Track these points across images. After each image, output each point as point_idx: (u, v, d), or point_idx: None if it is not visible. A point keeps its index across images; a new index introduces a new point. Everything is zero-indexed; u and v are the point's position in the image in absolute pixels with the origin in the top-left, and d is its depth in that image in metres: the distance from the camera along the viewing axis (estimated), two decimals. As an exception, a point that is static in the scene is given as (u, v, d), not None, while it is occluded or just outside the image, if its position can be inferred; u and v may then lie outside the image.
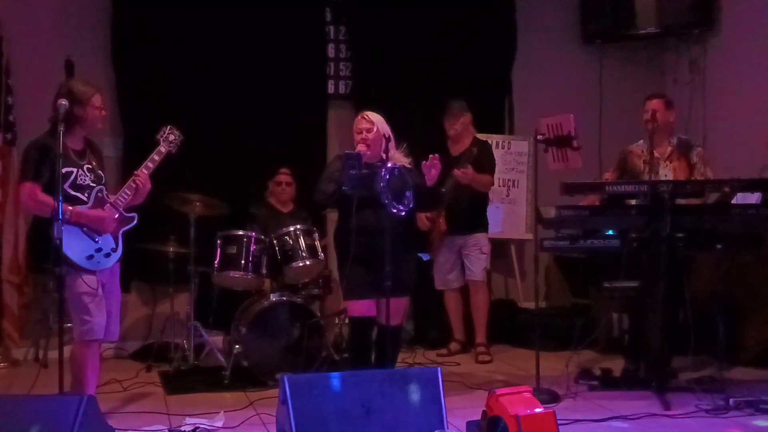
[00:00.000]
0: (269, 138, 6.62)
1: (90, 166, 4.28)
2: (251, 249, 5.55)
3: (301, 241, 5.56)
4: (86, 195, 4.23)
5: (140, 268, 6.33)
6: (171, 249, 5.84)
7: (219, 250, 5.56)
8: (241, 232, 5.61)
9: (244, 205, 6.19)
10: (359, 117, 4.74)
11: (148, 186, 4.40)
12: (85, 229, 4.18)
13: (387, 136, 4.60)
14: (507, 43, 7.18)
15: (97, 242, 4.21)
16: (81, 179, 4.23)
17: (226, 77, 6.55)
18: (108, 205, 4.27)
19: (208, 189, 5.96)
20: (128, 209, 4.37)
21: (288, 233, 5.59)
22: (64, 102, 4.06)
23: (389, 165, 4.37)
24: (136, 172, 4.37)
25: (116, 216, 4.26)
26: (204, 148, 6.49)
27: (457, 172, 5.80)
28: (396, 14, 6.86)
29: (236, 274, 5.54)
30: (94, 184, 4.27)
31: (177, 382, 5.45)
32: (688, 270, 5.23)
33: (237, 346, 5.37)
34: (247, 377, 5.32)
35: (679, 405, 4.60)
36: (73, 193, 4.17)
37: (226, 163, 6.57)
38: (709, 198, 5.36)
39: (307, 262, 5.54)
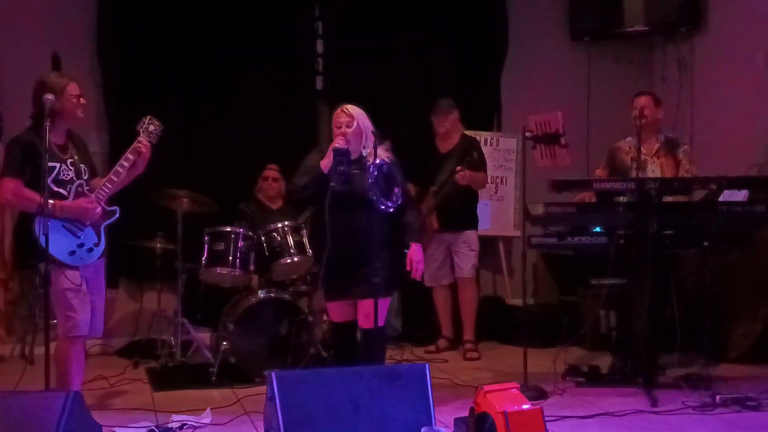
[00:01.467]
0: (258, 134, 6.61)
1: (72, 160, 4.25)
2: (239, 245, 5.53)
3: (289, 238, 5.55)
4: (68, 189, 4.20)
5: (127, 264, 6.31)
6: (158, 245, 5.82)
7: (206, 246, 5.54)
8: (228, 229, 5.59)
9: (232, 201, 6.17)
10: (338, 110, 4.60)
11: (130, 178, 4.39)
12: (66, 224, 4.15)
13: (369, 129, 4.51)
14: (497, 40, 7.18)
15: (79, 237, 4.19)
16: (63, 174, 4.19)
17: (213, 72, 6.52)
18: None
19: (195, 185, 5.92)
20: (111, 201, 4.33)
21: (276, 230, 5.57)
22: (50, 97, 4.04)
23: (378, 161, 4.34)
24: (116, 165, 4.30)
25: (97, 208, 4.22)
26: (192, 144, 6.49)
27: (459, 176, 5.81)
28: (384, 10, 6.84)
29: (224, 270, 5.52)
30: (76, 178, 4.24)
31: (164, 378, 5.44)
32: (675, 267, 5.25)
33: (224, 343, 5.35)
34: (234, 374, 5.31)
35: (666, 402, 4.62)
36: (55, 188, 4.14)
37: (214, 158, 6.54)
38: (696, 196, 5.38)
39: (295, 259, 5.53)
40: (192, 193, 5.73)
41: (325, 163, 4.48)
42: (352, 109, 4.57)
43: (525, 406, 3.70)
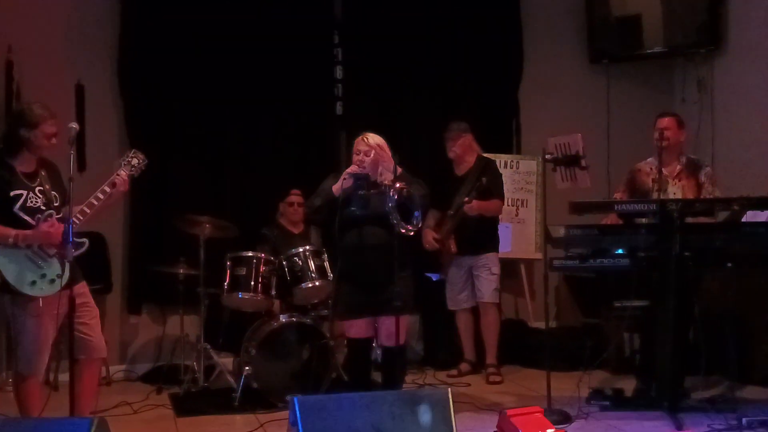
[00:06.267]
0: (279, 159, 6.64)
1: (42, 189, 4.20)
2: (260, 270, 5.56)
3: (311, 262, 5.57)
4: (36, 219, 4.14)
5: (150, 290, 6.36)
6: (181, 271, 5.85)
7: (228, 271, 5.57)
8: (250, 254, 5.62)
9: (254, 226, 6.20)
10: (359, 138, 4.82)
11: (104, 209, 4.32)
12: (30, 254, 4.09)
13: (386, 157, 4.67)
14: (514, 63, 7.21)
15: (41, 267, 4.11)
16: (31, 202, 4.14)
17: (235, 99, 6.58)
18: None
19: (218, 211, 5.98)
20: (80, 234, 4.23)
21: (297, 254, 5.60)
22: (74, 125, 4.08)
23: (397, 185, 4.40)
24: (91, 197, 4.24)
25: (60, 229, 4.08)
26: (214, 170, 6.53)
27: (465, 208, 5.81)
28: (402, 36, 6.89)
29: (246, 295, 5.55)
30: (45, 208, 4.18)
31: (187, 404, 5.45)
32: (698, 289, 5.21)
33: (247, 368, 5.36)
34: (257, 399, 5.31)
35: (692, 425, 4.57)
36: (23, 216, 4.11)
37: (236, 184, 6.59)
38: (719, 217, 5.34)
39: (316, 283, 5.54)
40: (214, 218, 5.78)
41: (337, 187, 4.67)
42: (371, 138, 4.76)
43: (549, 431, 3.68)
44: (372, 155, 4.69)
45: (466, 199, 5.85)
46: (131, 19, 6.37)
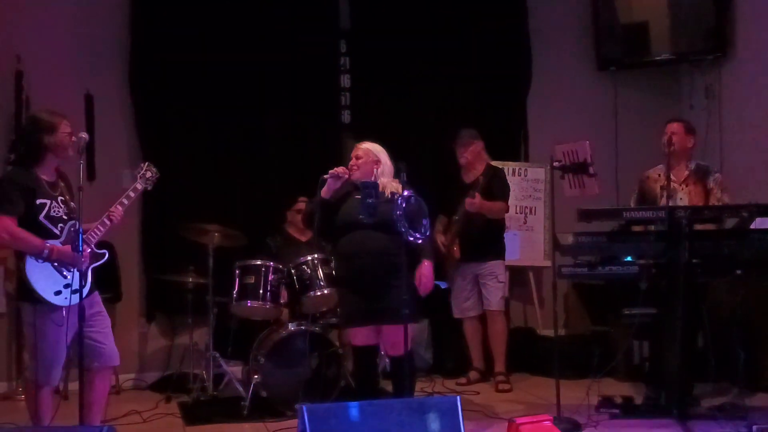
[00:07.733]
0: (286, 168, 6.66)
1: (63, 198, 4.22)
2: (269, 278, 5.57)
3: (319, 271, 5.57)
4: (59, 228, 4.15)
5: (160, 298, 6.38)
6: (190, 280, 5.87)
7: (237, 279, 5.59)
8: (259, 262, 5.63)
9: (263, 234, 6.21)
10: (357, 145, 4.91)
11: (121, 221, 4.35)
12: (55, 264, 4.10)
13: (381, 165, 4.74)
14: (522, 71, 7.21)
15: (66, 278, 4.12)
16: (54, 211, 4.15)
17: (243, 109, 6.60)
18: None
19: (226, 219, 6.00)
20: (100, 245, 4.31)
21: (306, 262, 5.60)
22: (84, 135, 4.09)
23: (405, 193, 4.40)
24: (111, 208, 4.28)
25: (88, 251, 4.12)
26: (222, 179, 6.55)
27: (467, 200, 5.81)
28: (409, 44, 6.91)
29: (254, 303, 5.56)
30: (66, 217, 4.19)
31: (196, 412, 5.46)
32: (707, 296, 5.20)
33: (256, 376, 5.37)
34: (266, 407, 5.32)
35: (701, 433, 4.57)
36: (48, 225, 4.12)
37: (245, 193, 6.61)
38: (727, 223, 5.33)
39: (325, 291, 5.54)
40: (223, 227, 5.80)
41: (324, 190, 4.70)
42: (366, 147, 4.83)
43: (558, 438, 3.68)
44: (362, 161, 4.75)
45: (470, 192, 5.84)
46: (141, 30, 6.41)
